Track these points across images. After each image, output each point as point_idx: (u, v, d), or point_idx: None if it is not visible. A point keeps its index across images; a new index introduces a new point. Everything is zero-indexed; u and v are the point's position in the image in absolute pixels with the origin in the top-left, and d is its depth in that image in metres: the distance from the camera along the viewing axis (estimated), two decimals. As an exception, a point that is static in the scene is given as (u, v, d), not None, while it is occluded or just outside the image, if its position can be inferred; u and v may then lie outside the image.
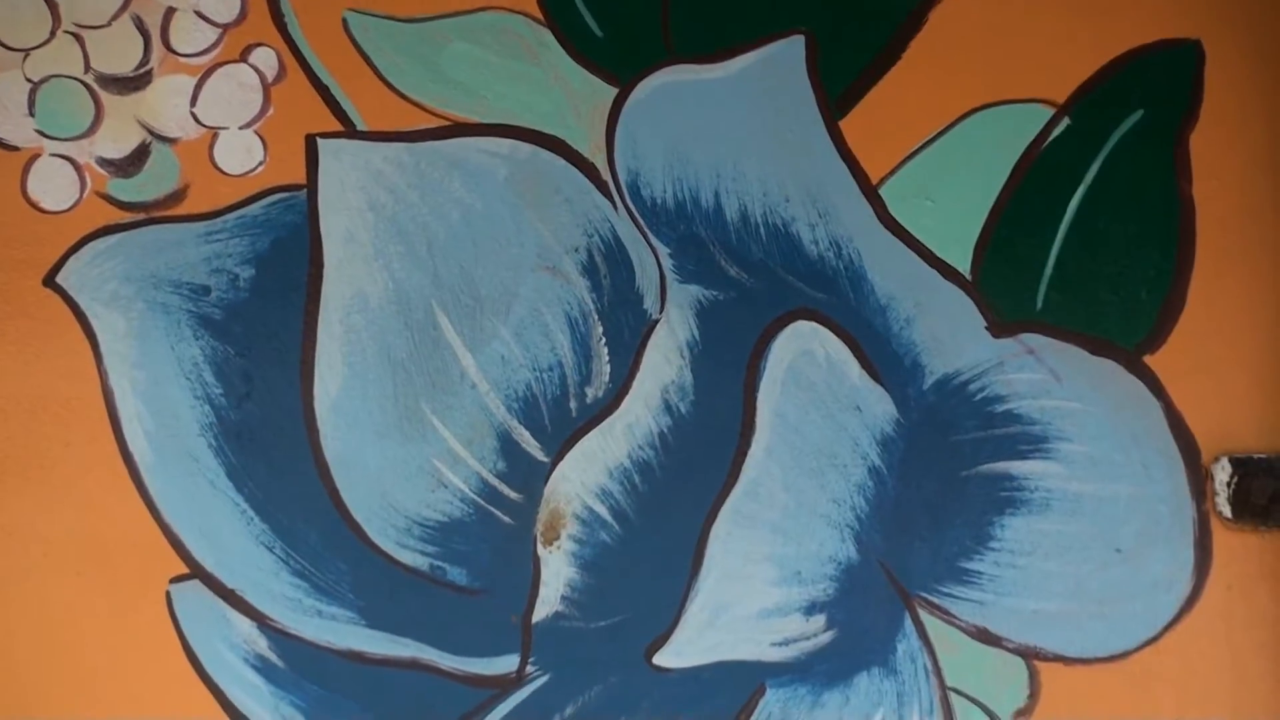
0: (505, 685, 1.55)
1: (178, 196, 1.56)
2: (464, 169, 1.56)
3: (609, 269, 1.56)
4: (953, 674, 1.55)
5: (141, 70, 1.56)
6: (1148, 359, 1.55)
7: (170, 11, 1.55)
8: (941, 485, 1.56)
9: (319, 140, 1.56)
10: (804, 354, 1.55)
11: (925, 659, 1.55)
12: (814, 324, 1.55)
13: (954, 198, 1.55)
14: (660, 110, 1.55)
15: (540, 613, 1.55)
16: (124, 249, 1.56)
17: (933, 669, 1.55)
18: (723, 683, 1.55)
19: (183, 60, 1.56)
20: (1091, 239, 1.55)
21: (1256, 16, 1.55)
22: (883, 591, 1.55)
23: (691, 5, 1.55)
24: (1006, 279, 1.55)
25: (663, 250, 1.55)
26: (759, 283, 1.55)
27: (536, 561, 1.55)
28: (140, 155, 1.56)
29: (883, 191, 1.55)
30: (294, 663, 1.55)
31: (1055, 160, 1.55)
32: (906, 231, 1.55)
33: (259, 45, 1.56)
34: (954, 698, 1.55)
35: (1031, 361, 1.55)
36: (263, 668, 1.55)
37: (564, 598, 1.55)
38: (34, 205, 1.57)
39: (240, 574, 1.56)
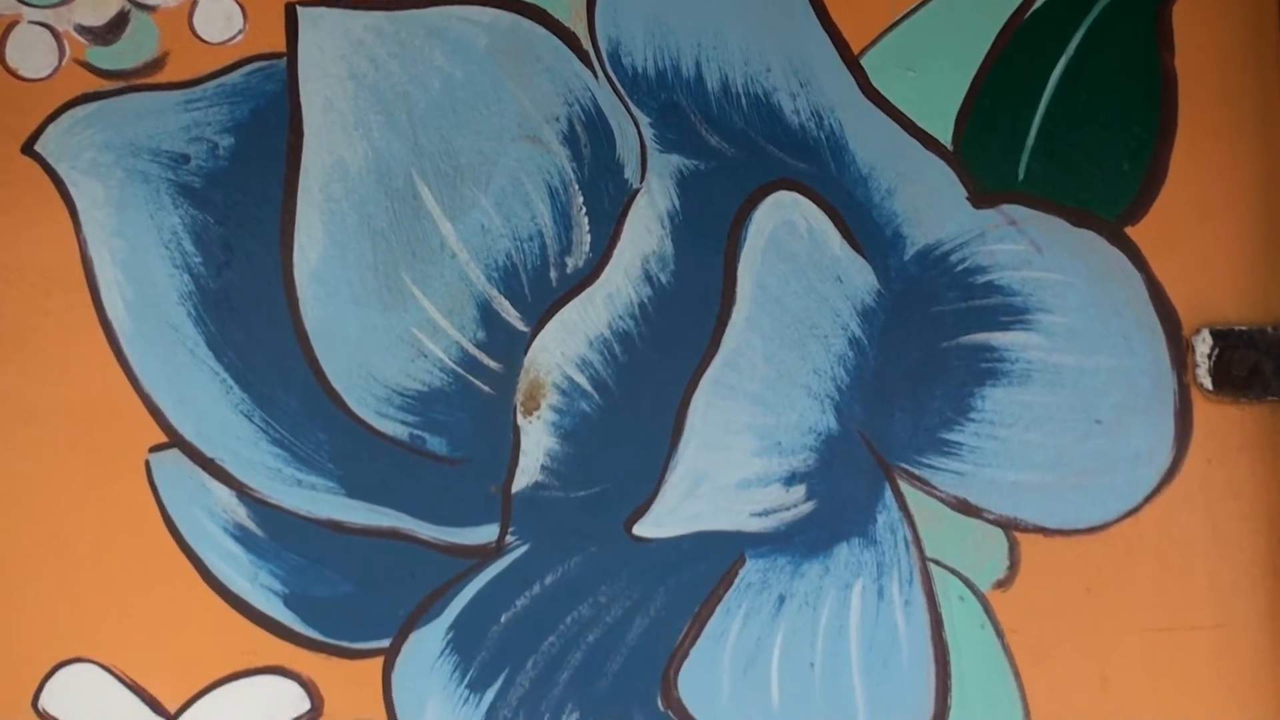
0: (485, 555, 1.55)
1: (157, 65, 1.56)
2: (444, 38, 1.55)
3: (589, 138, 1.55)
4: (932, 545, 1.55)
5: (120, -63, 1.55)
6: (1129, 230, 1.55)
7: (149, -122, 1.54)
8: (922, 356, 1.55)
9: (299, 9, 1.55)
10: (785, 224, 1.55)
11: (905, 530, 1.55)
12: (795, 194, 1.55)
13: (935, 68, 1.55)
14: (641, -21, 1.55)
15: (520, 482, 1.55)
16: (103, 117, 1.56)
17: (912, 540, 1.55)
18: (702, 553, 1.55)
19: (162, -72, 1.55)
20: (1073, 110, 1.55)
21: (1240, -113, 1.55)
22: (863, 462, 1.55)
23: (673, -126, 1.55)
24: (988, 150, 1.55)
25: (643, 119, 1.55)
26: (740, 153, 1.55)
27: (516, 431, 1.55)
28: (119, 23, 1.56)
29: (864, 62, 1.55)
30: (273, 532, 1.55)
31: (1037, 31, 1.55)
32: (888, 102, 1.55)
33: (239, -87, 1.56)
34: (934, 568, 1.55)
35: (1013, 233, 1.55)
36: (242, 537, 1.55)
37: (544, 468, 1.55)
38: (12, 73, 1.56)
39: (219, 443, 1.55)
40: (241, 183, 1.55)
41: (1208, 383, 1.55)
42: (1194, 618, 1.55)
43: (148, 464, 1.55)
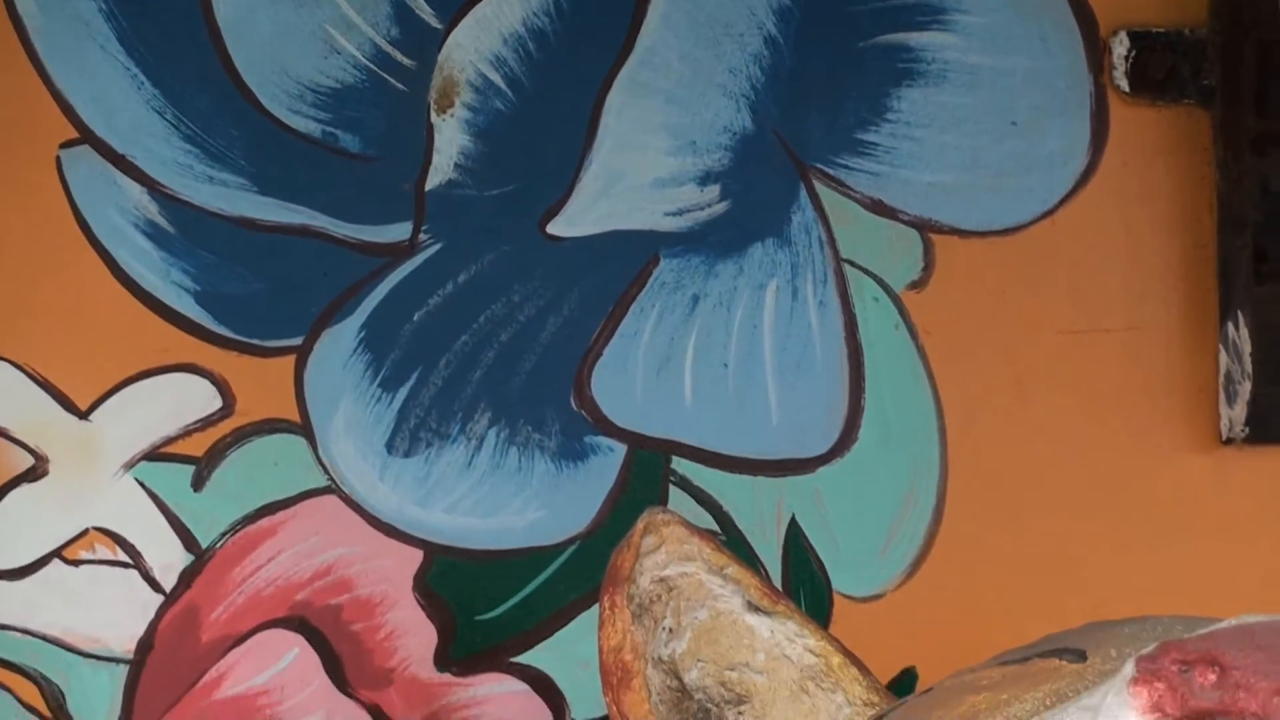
0: (398, 253, 1.54)
1: None
2: None
3: None
4: (847, 246, 1.55)
5: None
6: (1047, -69, 1.55)
7: None
8: (838, 56, 1.54)
9: None
10: (701, -79, 1.54)
11: (820, 230, 1.55)
12: (711, -109, 1.54)
13: None
14: None
15: (433, 180, 1.54)
16: None
17: (827, 240, 1.55)
18: (616, 252, 1.55)
19: None
20: None
21: None
22: (778, 162, 1.55)
23: None
24: None
25: None
26: None
27: (430, 129, 1.54)
28: None
29: None
30: (185, 229, 1.54)
31: None
32: None
33: None
34: (848, 269, 1.55)
35: (930, -68, 1.54)
36: (154, 234, 1.54)
37: (457, 165, 1.54)
38: None
39: (131, 139, 1.54)
40: (152, -125, 1.54)
41: (1124, 85, 1.54)
42: (1107, 320, 1.55)
43: (58, 160, 1.54)
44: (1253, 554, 1.54)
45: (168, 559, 1.54)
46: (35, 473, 1.54)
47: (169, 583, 1.54)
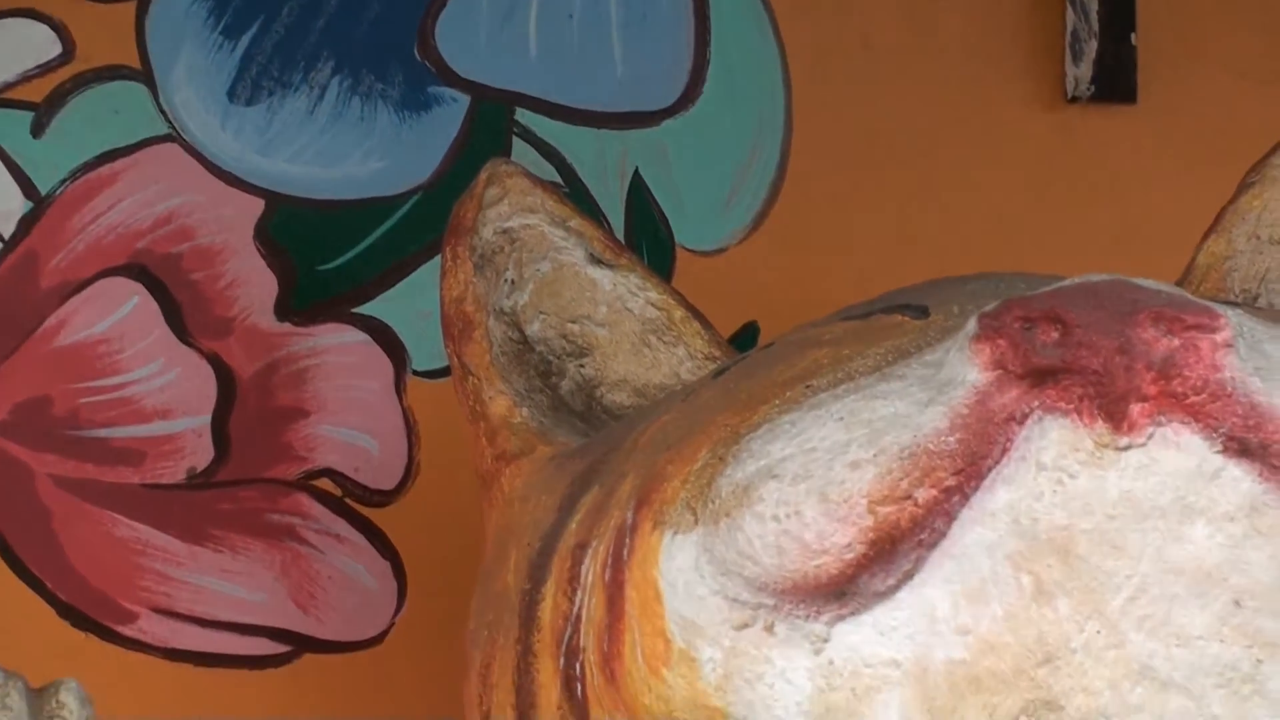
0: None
1: None
2: None
3: None
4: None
5: None
6: None
7: None
8: None
9: None
10: None
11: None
12: None
13: None
14: None
15: None
16: None
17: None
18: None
19: None
20: None
21: None
22: None
23: None
24: None
25: None
26: None
27: None
28: None
29: None
30: None
31: None
32: None
33: None
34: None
35: None
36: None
37: None
38: None
39: None
40: None
41: None
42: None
43: None
44: (1095, 212, 1.54)
45: (7, 206, 1.52)
46: None
47: (8, 230, 1.52)
